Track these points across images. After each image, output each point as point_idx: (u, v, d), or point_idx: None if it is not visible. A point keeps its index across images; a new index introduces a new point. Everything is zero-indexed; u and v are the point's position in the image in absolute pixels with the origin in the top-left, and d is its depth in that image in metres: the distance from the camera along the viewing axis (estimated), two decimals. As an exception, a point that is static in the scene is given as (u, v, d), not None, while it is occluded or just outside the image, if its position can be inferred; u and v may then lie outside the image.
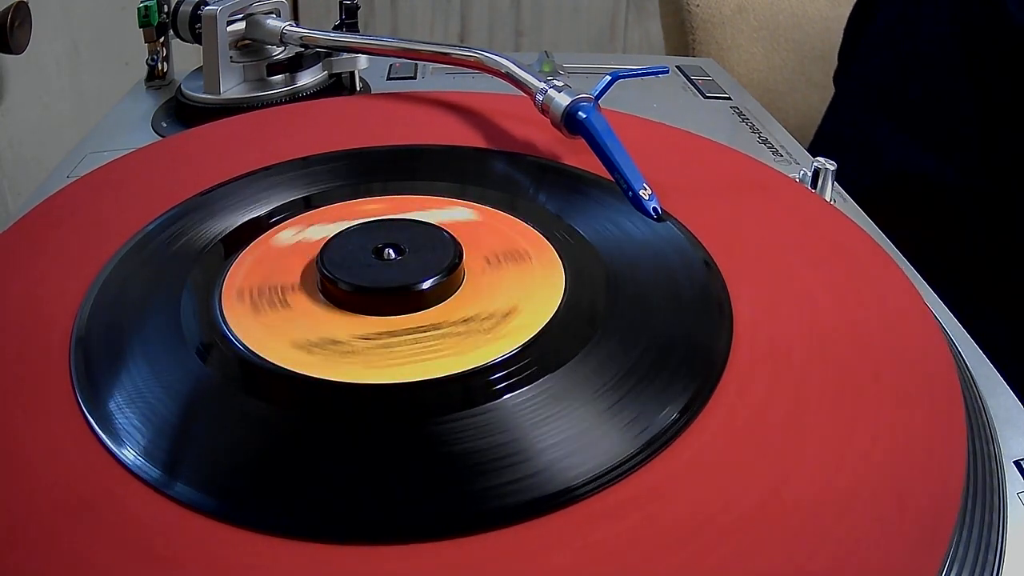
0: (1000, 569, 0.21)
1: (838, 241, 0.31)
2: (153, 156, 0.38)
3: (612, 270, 0.28)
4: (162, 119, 0.46)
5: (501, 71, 0.40)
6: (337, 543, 0.20)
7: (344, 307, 0.26)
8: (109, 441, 0.22)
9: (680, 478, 0.21)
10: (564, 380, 0.24)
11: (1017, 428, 0.26)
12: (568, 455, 0.22)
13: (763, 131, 0.47)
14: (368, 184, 0.34)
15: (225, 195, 0.33)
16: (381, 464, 0.22)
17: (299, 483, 0.21)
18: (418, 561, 0.19)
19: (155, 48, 0.50)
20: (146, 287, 0.28)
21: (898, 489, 0.21)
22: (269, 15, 0.47)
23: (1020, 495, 0.24)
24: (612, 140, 0.33)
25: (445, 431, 0.22)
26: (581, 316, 0.26)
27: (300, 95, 0.46)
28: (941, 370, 0.25)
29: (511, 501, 0.20)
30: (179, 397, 0.24)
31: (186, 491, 0.21)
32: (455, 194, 0.33)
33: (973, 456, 0.23)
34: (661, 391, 0.24)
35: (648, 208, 0.31)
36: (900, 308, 0.27)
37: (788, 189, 0.35)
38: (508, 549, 0.20)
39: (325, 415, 0.23)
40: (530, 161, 0.35)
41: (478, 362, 0.24)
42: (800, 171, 0.37)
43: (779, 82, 0.76)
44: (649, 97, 0.50)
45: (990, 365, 0.29)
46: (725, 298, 0.27)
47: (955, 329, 0.31)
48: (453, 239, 0.28)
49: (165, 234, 0.31)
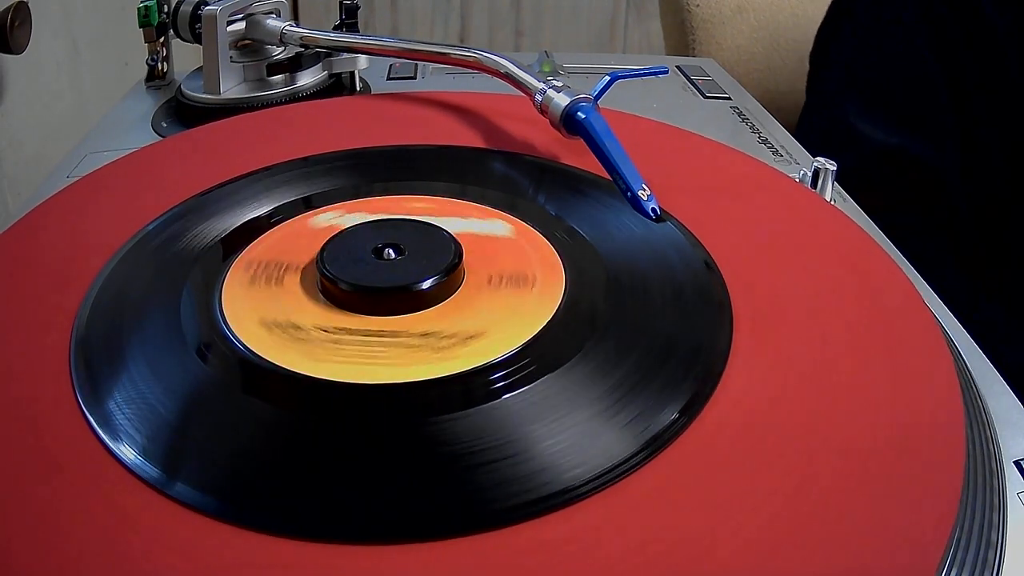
0: (1000, 569, 0.21)
1: (838, 241, 0.31)
2: (153, 156, 0.38)
3: (612, 270, 0.28)
4: (162, 119, 0.46)
5: (500, 71, 0.40)
6: (337, 543, 0.20)
7: (330, 300, 0.27)
8: (109, 440, 0.22)
9: (680, 478, 0.21)
10: (564, 380, 0.24)
11: (1017, 428, 0.26)
12: (568, 455, 0.22)
13: (763, 131, 0.47)
14: (368, 184, 0.34)
15: (225, 195, 0.33)
16: (381, 464, 0.22)
17: (299, 483, 0.21)
18: (418, 561, 0.19)
19: (155, 48, 0.50)
20: (146, 287, 0.28)
21: (898, 489, 0.21)
22: (269, 15, 0.47)
23: (1020, 495, 0.24)
24: (611, 140, 0.33)
25: (445, 430, 0.22)
26: (581, 316, 0.26)
27: (300, 95, 0.46)
28: (941, 370, 0.25)
29: (511, 501, 0.20)
30: (179, 397, 0.24)
31: (186, 491, 0.21)
32: (455, 194, 0.33)
33: (973, 456, 0.23)
34: (661, 391, 0.24)
35: (647, 209, 0.31)
36: (900, 308, 0.27)
37: (788, 189, 0.35)
38: (508, 549, 0.20)
39: (325, 415, 0.23)
40: (529, 161, 0.35)
41: (408, 378, 0.24)
42: (800, 171, 0.37)
43: (779, 82, 0.76)
44: (649, 97, 0.50)
45: (990, 365, 0.29)
46: (725, 298, 0.27)
47: (955, 329, 0.31)
48: (455, 245, 0.28)
49: (165, 234, 0.31)
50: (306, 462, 0.22)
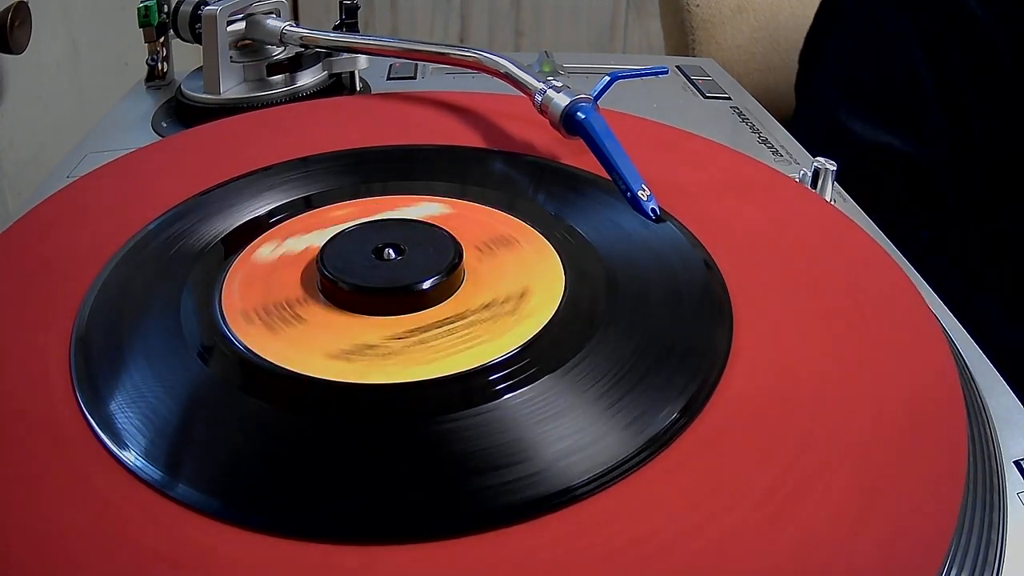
0: (1000, 569, 0.21)
1: (838, 241, 0.31)
2: (153, 156, 0.38)
3: (612, 270, 0.28)
4: (162, 119, 0.46)
5: (500, 71, 0.40)
6: (337, 543, 0.20)
7: (356, 310, 0.26)
8: (110, 442, 0.22)
9: (680, 478, 0.21)
10: (564, 380, 0.24)
11: (1017, 428, 0.26)
12: (568, 455, 0.22)
13: (763, 131, 0.47)
14: (368, 184, 0.34)
15: (225, 195, 0.33)
16: (381, 464, 0.22)
17: (299, 483, 0.21)
18: (418, 561, 0.19)
19: (155, 48, 0.50)
20: (146, 287, 0.28)
21: (898, 489, 0.21)
22: (269, 15, 0.47)
23: (1020, 495, 0.24)
24: (611, 141, 0.33)
25: (445, 431, 0.22)
26: (581, 316, 0.26)
27: (300, 95, 0.46)
28: (942, 370, 0.25)
29: (511, 501, 0.20)
30: (179, 398, 0.24)
31: (187, 492, 0.21)
32: (455, 194, 0.33)
33: (973, 456, 0.23)
34: (661, 391, 0.24)
35: (646, 209, 0.31)
36: (900, 308, 0.27)
37: (788, 189, 0.35)
38: (508, 549, 0.20)
39: (325, 415, 0.23)
40: (529, 161, 0.35)
41: (516, 344, 0.25)
42: (800, 171, 0.37)
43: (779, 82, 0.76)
44: (649, 97, 0.50)
45: (990, 365, 0.29)
46: (725, 298, 0.27)
47: (955, 329, 0.31)
48: (447, 233, 0.28)
49: (165, 234, 0.31)
50: (306, 462, 0.22)
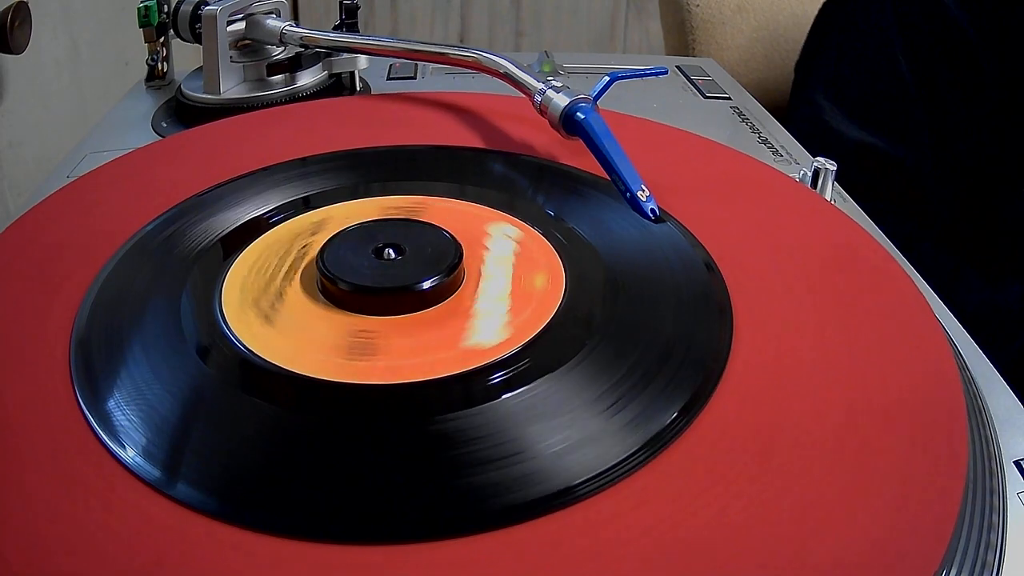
0: (1000, 569, 0.21)
1: (839, 241, 0.31)
2: (153, 156, 0.38)
3: (612, 270, 0.28)
4: (162, 119, 0.46)
5: (500, 71, 0.40)
6: (337, 543, 0.20)
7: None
8: (109, 441, 0.22)
9: (680, 478, 0.21)
10: (564, 380, 0.24)
11: (1017, 428, 0.26)
12: (568, 455, 0.22)
13: (763, 131, 0.47)
14: (367, 184, 0.34)
15: (225, 195, 0.33)
16: (381, 464, 0.22)
17: (299, 483, 0.21)
18: (418, 561, 0.19)
19: (155, 48, 0.50)
20: (146, 287, 0.28)
21: (898, 489, 0.21)
22: (269, 15, 0.47)
23: (1020, 495, 0.24)
24: (610, 141, 0.33)
25: (445, 430, 0.22)
26: (581, 316, 0.26)
27: (300, 95, 0.46)
28: (942, 370, 0.25)
29: (511, 501, 0.20)
30: (179, 397, 0.24)
31: (186, 491, 0.21)
32: (454, 194, 0.33)
33: (973, 456, 0.23)
34: (661, 391, 0.24)
35: (646, 209, 0.31)
36: (901, 307, 0.27)
37: (788, 189, 0.35)
38: (508, 549, 0.20)
39: (324, 415, 0.23)
40: (529, 161, 0.35)
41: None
42: (800, 171, 0.37)
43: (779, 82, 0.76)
44: (649, 97, 0.50)
45: (990, 365, 0.29)
46: (725, 298, 0.27)
47: (955, 329, 0.31)
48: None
49: (165, 234, 0.31)
50: (305, 462, 0.22)
